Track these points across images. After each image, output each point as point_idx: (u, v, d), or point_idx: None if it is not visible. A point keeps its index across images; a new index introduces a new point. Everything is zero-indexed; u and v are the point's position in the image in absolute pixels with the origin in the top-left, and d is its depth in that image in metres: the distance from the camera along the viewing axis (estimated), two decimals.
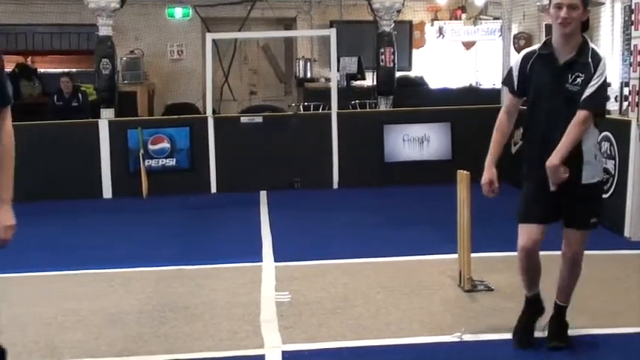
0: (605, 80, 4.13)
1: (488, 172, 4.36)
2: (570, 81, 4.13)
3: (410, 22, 15.26)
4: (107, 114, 11.23)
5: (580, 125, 4.08)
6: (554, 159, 4.09)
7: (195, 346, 4.68)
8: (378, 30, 11.71)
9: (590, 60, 4.11)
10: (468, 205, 5.55)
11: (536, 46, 4.36)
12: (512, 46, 12.01)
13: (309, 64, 14.95)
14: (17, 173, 3.33)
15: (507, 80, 4.42)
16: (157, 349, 4.64)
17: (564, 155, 4.09)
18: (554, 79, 4.18)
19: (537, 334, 4.52)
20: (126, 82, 13.74)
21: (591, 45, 4.20)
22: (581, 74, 4.12)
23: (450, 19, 15.75)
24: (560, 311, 4.49)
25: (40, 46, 14.66)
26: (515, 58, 4.43)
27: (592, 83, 4.09)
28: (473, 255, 5.69)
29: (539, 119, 4.24)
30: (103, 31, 11.19)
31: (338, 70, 12.46)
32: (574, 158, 4.15)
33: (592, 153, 4.24)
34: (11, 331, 4.86)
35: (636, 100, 7.16)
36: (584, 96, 4.09)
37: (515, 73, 4.34)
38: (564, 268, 4.42)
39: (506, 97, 4.49)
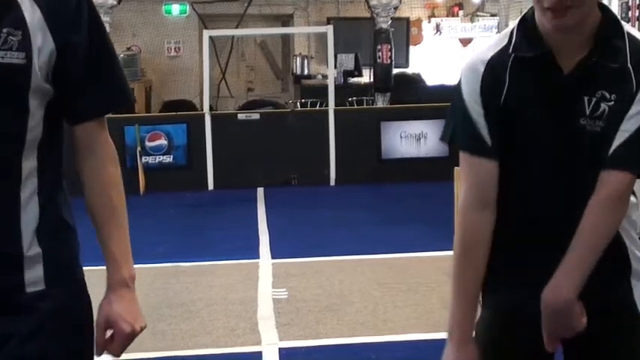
0: None
1: (466, 353, 2.01)
2: (588, 112, 1.91)
3: (407, 19, 15.26)
4: None
5: (609, 210, 1.90)
6: (565, 288, 1.91)
7: (192, 343, 4.69)
8: (375, 27, 11.69)
9: (629, 62, 1.88)
10: None
11: (503, 42, 1.98)
12: None
13: (306, 60, 14.94)
14: None
15: (465, 134, 2.04)
16: (154, 346, 4.64)
17: (582, 279, 1.91)
18: (554, 107, 1.94)
19: None
20: None
21: (625, 27, 1.94)
22: (608, 94, 1.89)
23: (447, 16, 15.76)
24: None
25: None
26: (461, 79, 2.02)
27: (633, 111, 1.88)
28: None
29: (525, 192, 2.02)
30: None
31: (335, 67, 12.45)
32: (615, 264, 1.99)
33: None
34: None
35: None
36: (616, 142, 1.88)
37: (478, 113, 1.97)
38: None
39: (469, 168, 2.14)
